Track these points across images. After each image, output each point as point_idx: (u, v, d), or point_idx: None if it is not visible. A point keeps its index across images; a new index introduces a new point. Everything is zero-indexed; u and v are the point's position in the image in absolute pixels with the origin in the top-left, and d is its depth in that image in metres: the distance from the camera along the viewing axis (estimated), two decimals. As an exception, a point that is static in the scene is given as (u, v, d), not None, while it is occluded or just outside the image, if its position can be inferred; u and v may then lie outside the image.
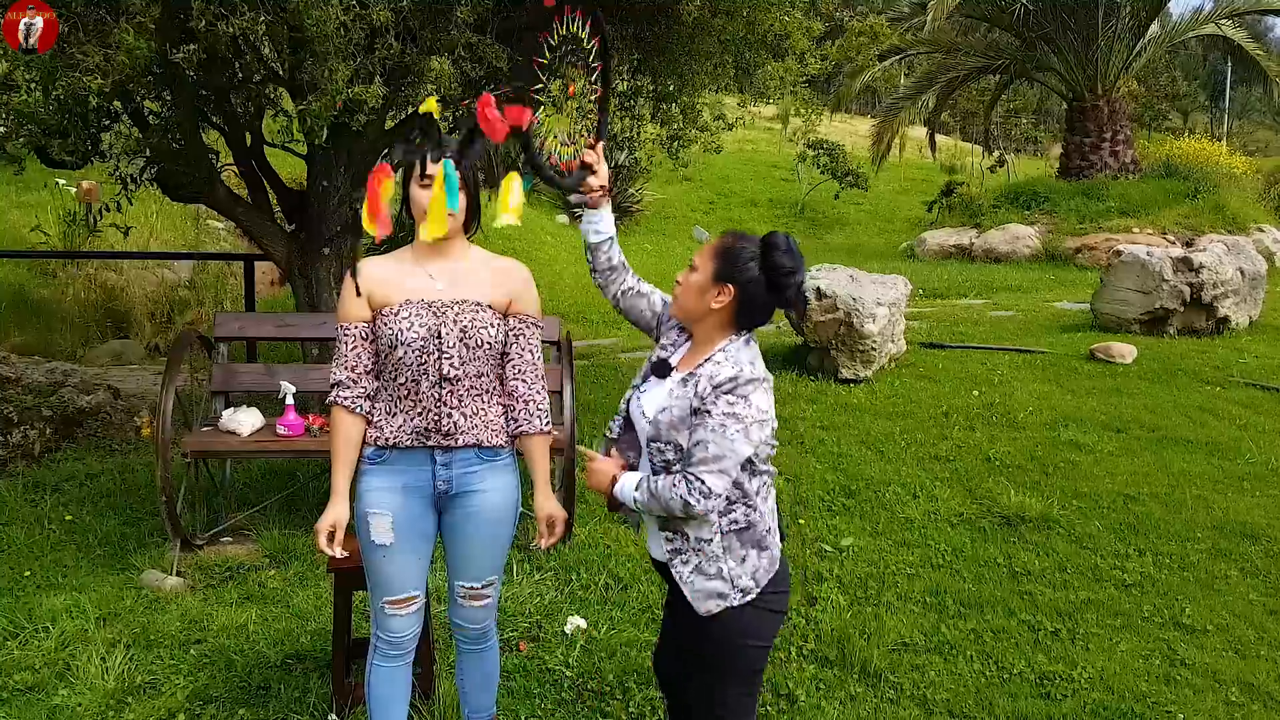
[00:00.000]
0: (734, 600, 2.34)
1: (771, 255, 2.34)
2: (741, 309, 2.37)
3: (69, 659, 3.62)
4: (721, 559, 2.34)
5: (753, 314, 2.39)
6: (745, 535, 2.36)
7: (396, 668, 2.74)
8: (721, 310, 2.37)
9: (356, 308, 2.60)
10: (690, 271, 2.41)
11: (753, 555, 2.36)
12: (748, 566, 2.35)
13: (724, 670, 2.41)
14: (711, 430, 2.25)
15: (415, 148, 2.63)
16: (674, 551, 2.37)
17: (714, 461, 2.24)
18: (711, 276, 2.36)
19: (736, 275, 2.34)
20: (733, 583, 2.34)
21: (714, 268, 2.36)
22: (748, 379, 2.29)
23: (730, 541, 2.34)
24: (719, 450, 2.24)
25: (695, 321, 2.42)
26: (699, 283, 2.37)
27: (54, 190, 11.02)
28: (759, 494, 2.38)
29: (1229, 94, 38.94)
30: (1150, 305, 8.62)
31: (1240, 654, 3.85)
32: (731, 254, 2.35)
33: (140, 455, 5.95)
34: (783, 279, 2.34)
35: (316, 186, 5.87)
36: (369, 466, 2.63)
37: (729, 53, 5.93)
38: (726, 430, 2.24)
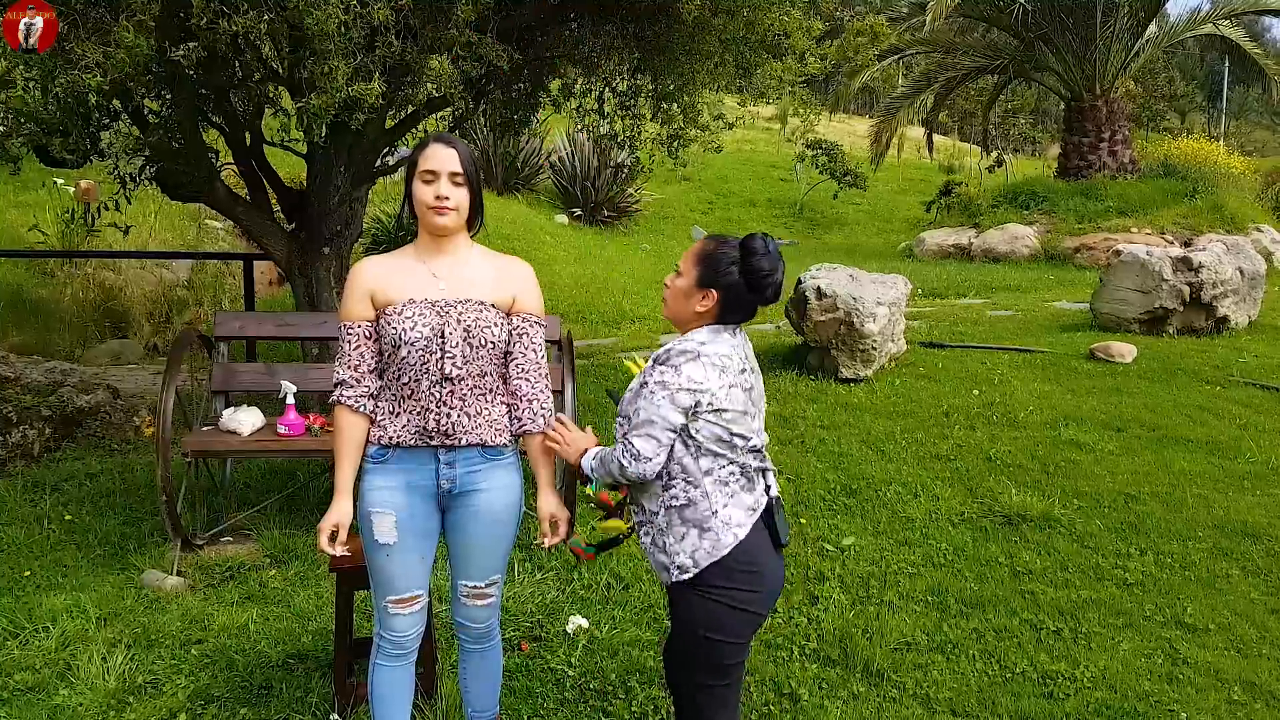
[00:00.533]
0: (673, 575, 2.45)
1: (750, 260, 2.45)
2: (724, 310, 2.49)
3: (69, 659, 3.61)
4: (666, 533, 2.46)
5: (735, 313, 2.51)
6: (685, 513, 2.44)
7: (399, 667, 2.74)
8: (707, 312, 2.49)
9: (360, 306, 2.60)
10: (676, 276, 2.53)
11: (692, 535, 2.43)
12: (686, 545, 2.44)
13: (685, 655, 2.50)
14: (643, 398, 2.41)
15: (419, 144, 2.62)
16: (638, 523, 2.55)
17: (644, 426, 2.40)
18: (695, 282, 2.48)
19: (719, 280, 2.46)
20: (671, 558, 2.45)
21: (697, 274, 2.48)
22: (680, 351, 2.43)
23: (671, 518, 2.45)
24: (647, 414, 2.39)
25: (682, 323, 2.55)
26: (684, 288, 2.50)
27: (52, 190, 11.01)
28: (707, 475, 2.44)
29: (1226, 94, 38.97)
30: (1150, 305, 8.62)
31: (1242, 653, 3.84)
32: (712, 260, 2.47)
33: (140, 455, 5.94)
34: (762, 280, 2.46)
35: (316, 185, 5.86)
36: (372, 465, 2.62)
37: (729, 52, 5.92)
38: (654, 396, 2.39)
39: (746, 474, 2.50)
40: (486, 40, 4.73)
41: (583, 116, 7.03)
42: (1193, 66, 43.49)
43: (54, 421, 6.09)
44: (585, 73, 6.59)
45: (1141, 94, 32.49)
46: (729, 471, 2.46)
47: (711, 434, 2.42)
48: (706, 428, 2.41)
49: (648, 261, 15.53)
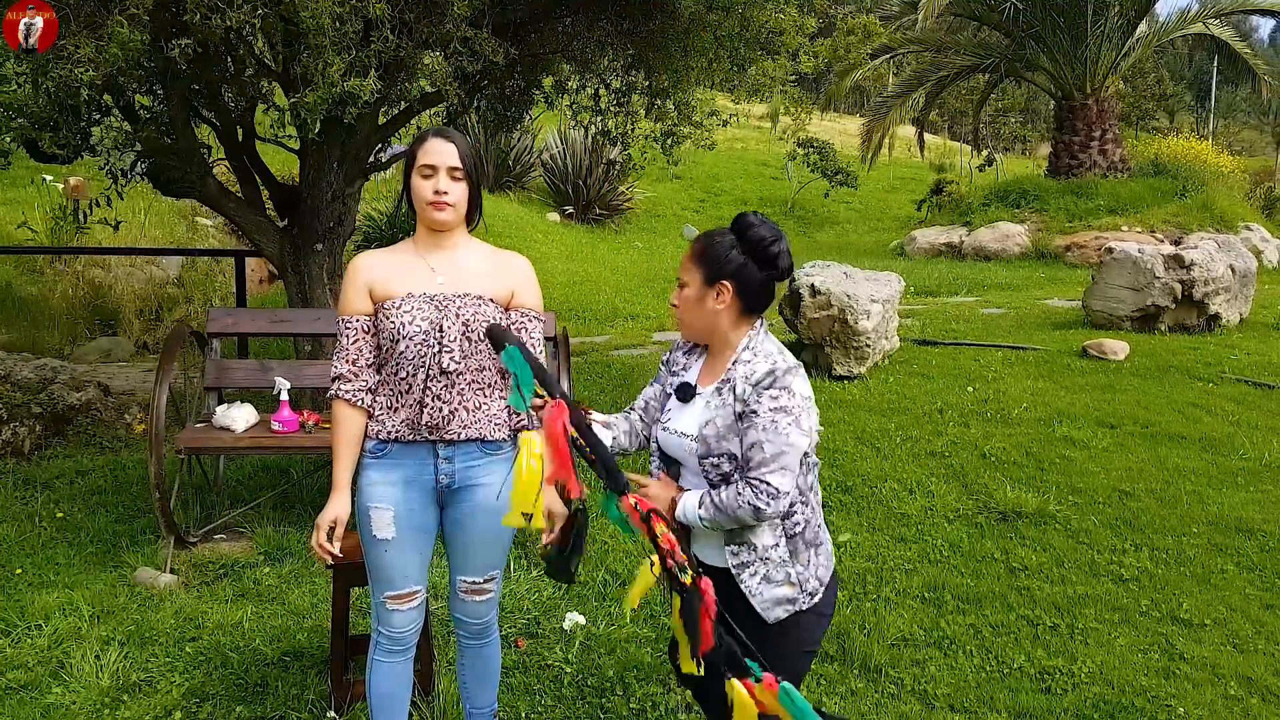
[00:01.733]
0: (802, 604, 2.30)
1: (748, 234, 2.30)
2: (744, 299, 2.31)
3: (62, 657, 3.58)
4: (789, 564, 2.29)
5: (756, 297, 2.33)
6: (805, 536, 2.32)
7: (398, 664, 2.72)
8: (727, 309, 2.32)
9: (358, 301, 2.58)
10: (681, 289, 2.37)
11: (813, 555, 2.32)
12: (812, 568, 2.31)
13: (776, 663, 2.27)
14: (763, 430, 2.19)
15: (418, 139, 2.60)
16: (740, 565, 2.29)
17: (774, 460, 2.18)
18: (703, 282, 2.32)
19: (725, 269, 2.30)
20: (801, 586, 2.30)
21: (701, 274, 2.32)
22: (785, 369, 2.24)
23: (795, 545, 2.30)
24: (776, 447, 2.18)
25: (709, 332, 2.37)
26: (694, 294, 2.34)
27: (41, 187, 10.95)
28: (811, 489, 2.34)
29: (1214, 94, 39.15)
30: (1142, 302, 8.65)
31: (1238, 648, 3.85)
32: (711, 252, 2.32)
33: (131, 452, 5.90)
34: (767, 251, 2.29)
35: (309, 182, 5.83)
36: (370, 460, 2.60)
37: (723, 49, 5.92)
38: (778, 426, 2.19)
39: (817, 471, 2.40)
40: (482, 35, 4.71)
41: (576, 113, 7.02)
42: (1181, 66, 43.67)
43: (44, 419, 6.05)
44: (579, 69, 6.58)
45: (1131, 93, 32.63)
46: (815, 477, 2.38)
47: (813, 443, 2.29)
48: (813, 437, 2.28)
49: (640, 260, 15.53)
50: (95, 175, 10.19)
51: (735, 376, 2.29)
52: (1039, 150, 30.69)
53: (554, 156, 18.15)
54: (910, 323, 9.22)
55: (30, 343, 8.30)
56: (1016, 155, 30.48)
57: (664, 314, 10.25)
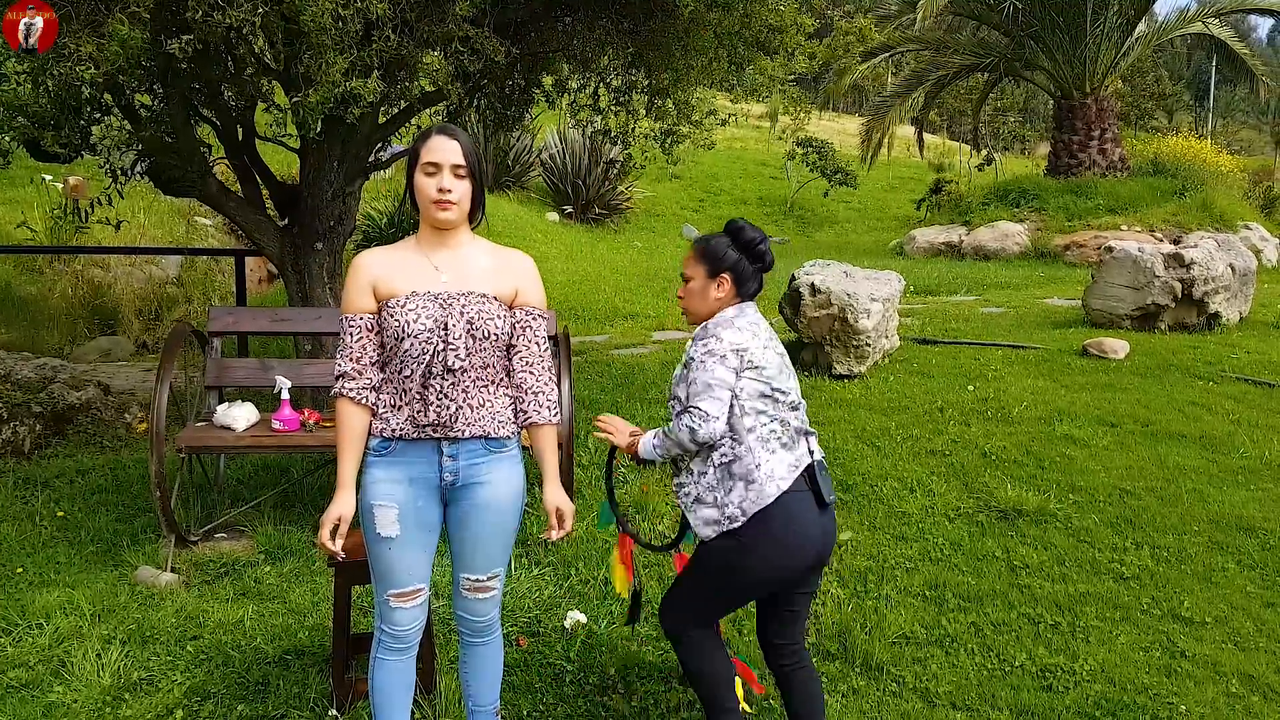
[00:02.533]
0: (724, 526, 2.71)
1: (741, 236, 2.87)
2: (739, 287, 2.86)
3: (64, 655, 3.58)
4: (716, 489, 2.73)
5: (748, 285, 2.88)
6: (733, 468, 2.71)
7: (400, 661, 2.72)
8: (726, 296, 2.85)
9: (362, 299, 2.58)
10: (687, 282, 2.89)
11: (740, 487, 2.71)
12: (734, 496, 2.71)
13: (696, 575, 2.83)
14: (696, 368, 2.71)
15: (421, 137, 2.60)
16: (678, 486, 2.82)
17: (704, 390, 2.68)
18: (706, 276, 2.85)
19: (724, 264, 2.84)
20: (722, 510, 2.71)
21: (705, 269, 2.85)
22: (717, 323, 2.79)
23: (721, 474, 2.72)
24: (705, 379, 2.69)
25: (708, 317, 2.86)
26: (699, 287, 2.86)
27: (40, 186, 10.94)
28: (751, 432, 2.72)
29: (1213, 93, 39.19)
30: (1142, 301, 8.65)
31: (1239, 646, 3.85)
32: (712, 251, 2.86)
33: (131, 451, 5.90)
34: (757, 249, 2.86)
35: (309, 181, 5.83)
36: (374, 458, 2.60)
37: (723, 48, 5.91)
38: (706, 364, 2.70)
39: (788, 432, 2.78)
40: (483, 34, 4.71)
41: (576, 112, 7.02)
42: (1180, 65, 43.71)
43: (45, 418, 6.05)
44: (579, 68, 6.58)
45: (1130, 93, 32.64)
46: (769, 429, 2.74)
47: (754, 390, 2.73)
48: (749, 385, 2.72)
49: (639, 259, 15.52)
50: (95, 174, 10.20)
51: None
52: (1038, 149, 30.73)
53: (553, 156, 18.14)
54: (910, 322, 9.22)
55: (30, 342, 8.31)
56: (1016, 154, 30.49)
57: (664, 313, 10.25)
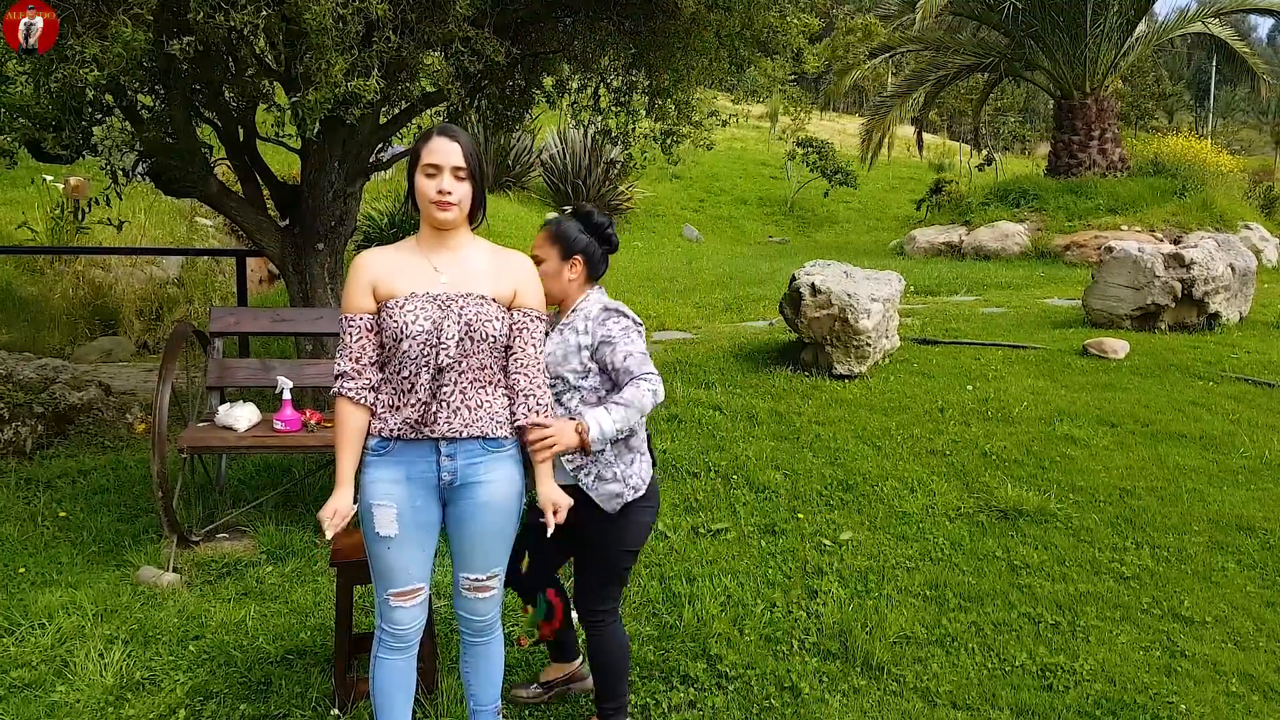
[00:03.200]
0: (628, 496, 2.90)
1: (591, 219, 3.01)
2: (590, 269, 2.98)
3: (66, 655, 3.59)
4: (616, 463, 2.89)
5: (597, 266, 3.00)
6: (631, 442, 2.92)
7: (401, 661, 2.73)
8: (578, 278, 2.97)
9: (362, 299, 2.59)
10: (539, 264, 2.91)
11: (638, 460, 2.94)
12: (635, 469, 2.93)
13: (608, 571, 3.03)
14: (625, 343, 2.83)
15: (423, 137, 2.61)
16: (577, 468, 2.89)
17: (644, 359, 2.82)
18: (560, 258, 2.94)
19: (576, 246, 2.95)
20: (625, 482, 2.90)
21: (558, 250, 2.94)
22: (606, 306, 2.93)
23: (620, 449, 2.90)
24: (640, 348, 2.84)
25: (565, 297, 2.97)
26: (553, 269, 2.93)
27: (41, 187, 10.94)
28: None
29: (1213, 93, 39.19)
30: (1142, 301, 8.66)
31: (1239, 645, 3.86)
32: (563, 234, 2.96)
33: (133, 452, 5.91)
34: (605, 232, 3.01)
35: (310, 181, 5.84)
36: (373, 458, 2.61)
37: (724, 48, 5.92)
38: (631, 337, 2.85)
39: None
40: (483, 35, 4.72)
41: (577, 113, 7.02)
42: (1180, 65, 43.71)
43: (46, 418, 6.06)
44: (580, 68, 6.58)
45: (1130, 92, 32.64)
46: None
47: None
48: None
49: (639, 259, 15.53)
50: (95, 175, 10.20)
51: (575, 318, 2.93)
52: (1038, 149, 30.73)
53: (553, 156, 18.16)
54: (910, 322, 9.23)
55: (30, 342, 8.30)
56: (1016, 154, 30.49)
57: (665, 313, 10.25)
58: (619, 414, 2.72)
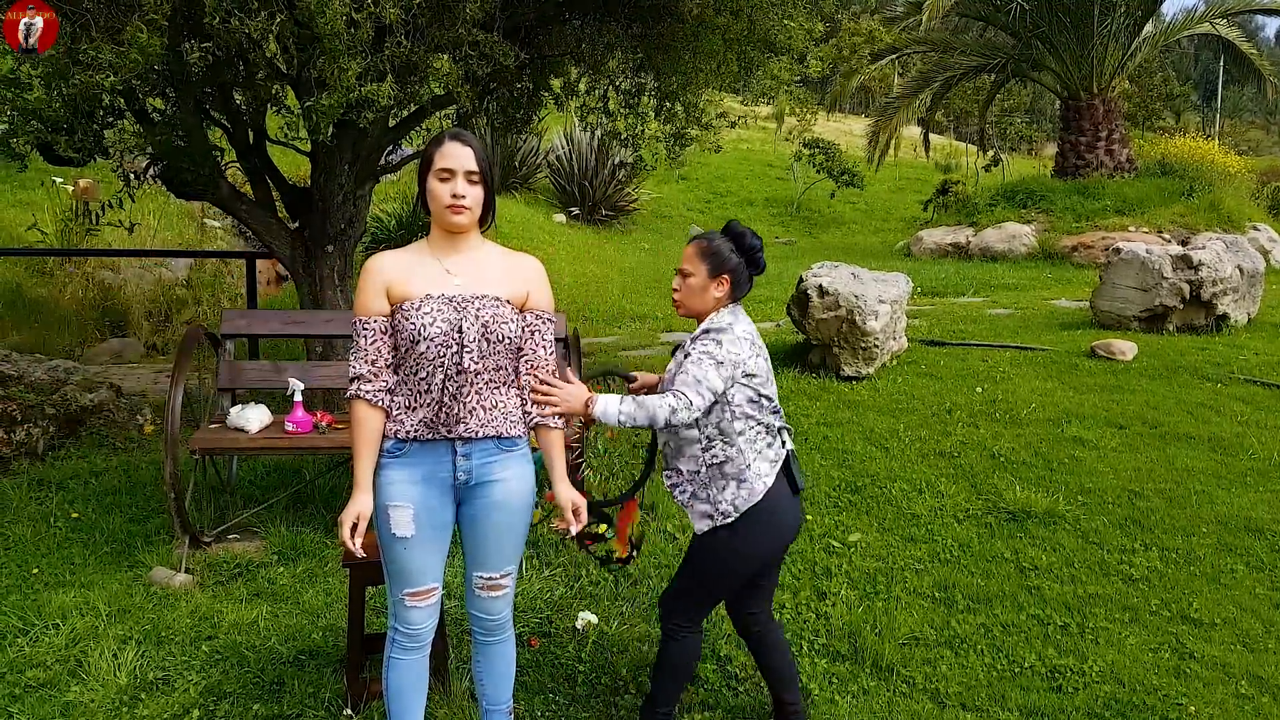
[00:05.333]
0: (718, 521, 2.89)
1: (742, 241, 2.97)
2: (735, 289, 2.97)
3: (80, 655, 3.61)
4: (709, 486, 2.90)
5: (741, 290, 2.98)
6: (725, 469, 2.89)
7: (415, 660, 2.75)
8: (723, 297, 2.96)
9: (376, 301, 2.61)
10: (685, 277, 2.97)
11: (733, 486, 2.89)
12: (728, 494, 2.89)
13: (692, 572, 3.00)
14: (691, 361, 2.84)
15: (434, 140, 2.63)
16: (672, 485, 2.97)
17: (693, 382, 2.80)
18: (708, 275, 2.93)
19: (725, 266, 2.94)
20: (715, 506, 2.89)
21: (707, 267, 2.93)
22: (718, 328, 2.89)
23: (713, 474, 2.90)
24: (695, 374, 2.80)
25: (704, 313, 2.97)
26: (698, 283, 2.94)
27: (51, 189, 10.99)
28: (741, 435, 2.89)
29: (1220, 94, 39.11)
30: (1150, 302, 8.65)
31: (1248, 647, 3.87)
32: (715, 252, 2.94)
33: (144, 453, 5.93)
34: (757, 255, 2.99)
35: (320, 183, 5.86)
36: (388, 460, 2.63)
37: (732, 51, 5.93)
38: (701, 362, 2.82)
39: (770, 432, 2.96)
40: (492, 38, 4.74)
41: (585, 115, 7.04)
42: (1187, 66, 43.63)
43: (58, 420, 6.08)
44: (588, 71, 6.60)
45: (1137, 93, 32.58)
46: (756, 432, 2.92)
47: (745, 397, 2.88)
48: (741, 392, 2.87)
49: (646, 260, 15.55)
50: (105, 177, 10.25)
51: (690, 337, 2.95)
52: (1045, 150, 30.68)
53: (560, 157, 18.18)
54: (917, 323, 9.23)
55: (41, 344, 8.35)
56: (1022, 155, 30.45)
57: (671, 314, 10.27)
58: (629, 407, 2.78)
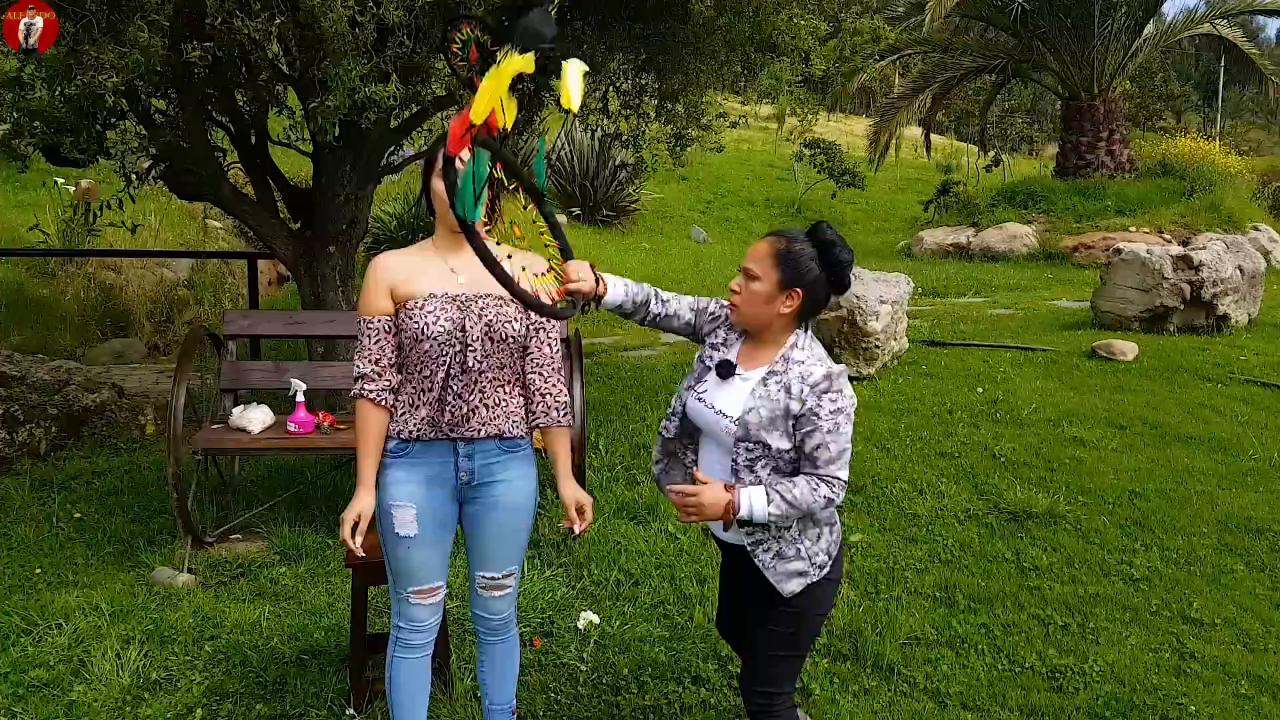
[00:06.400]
0: (813, 576, 2.49)
1: (830, 253, 2.42)
2: (808, 307, 2.46)
3: (83, 655, 3.62)
4: (799, 541, 2.48)
5: (816, 308, 2.50)
6: (819, 515, 2.49)
7: (418, 659, 2.76)
8: (790, 314, 2.45)
9: (380, 301, 2.61)
10: (750, 280, 2.45)
11: (825, 533, 2.52)
12: (822, 544, 2.51)
13: (786, 635, 2.56)
14: (828, 432, 2.36)
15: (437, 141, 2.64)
16: (755, 543, 2.49)
17: (839, 457, 2.37)
18: (778, 285, 2.42)
19: (802, 278, 2.41)
20: (810, 560, 2.49)
21: (779, 276, 2.41)
22: (838, 373, 2.41)
23: (805, 524, 2.48)
24: (840, 446, 2.37)
25: (764, 326, 2.48)
26: (765, 292, 2.43)
27: (52, 189, 11.01)
28: None
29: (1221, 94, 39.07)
30: (1150, 303, 8.66)
31: (1249, 647, 3.87)
32: (793, 259, 2.41)
33: (146, 453, 5.95)
34: (843, 273, 2.45)
35: (322, 184, 5.87)
36: (392, 459, 2.64)
37: (734, 52, 5.94)
38: (839, 426, 2.37)
39: None
40: (495, 39, 4.74)
41: (586, 116, 7.04)
42: (1188, 66, 43.62)
43: (60, 420, 6.10)
44: (590, 72, 6.61)
45: (1138, 93, 32.57)
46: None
47: None
48: None
49: (647, 261, 15.55)
50: (106, 178, 10.26)
51: (790, 375, 2.42)
52: (1046, 151, 30.66)
53: (561, 158, 18.18)
54: (918, 323, 9.24)
55: (42, 344, 8.36)
56: (1023, 156, 30.44)
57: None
58: (779, 508, 2.36)
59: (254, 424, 4.63)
